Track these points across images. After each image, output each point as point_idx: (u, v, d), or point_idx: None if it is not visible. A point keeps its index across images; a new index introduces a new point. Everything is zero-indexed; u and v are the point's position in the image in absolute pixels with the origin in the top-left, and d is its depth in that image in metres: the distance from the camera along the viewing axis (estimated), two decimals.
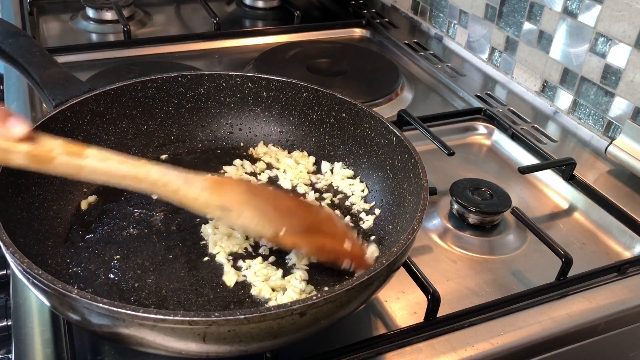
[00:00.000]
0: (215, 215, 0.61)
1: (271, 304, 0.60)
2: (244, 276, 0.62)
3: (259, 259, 0.64)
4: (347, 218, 0.71)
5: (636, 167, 0.86)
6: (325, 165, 0.79)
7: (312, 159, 0.79)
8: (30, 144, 0.54)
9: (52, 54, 0.79)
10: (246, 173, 0.78)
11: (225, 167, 0.78)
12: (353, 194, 0.75)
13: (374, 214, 0.72)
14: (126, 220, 0.69)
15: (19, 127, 0.53)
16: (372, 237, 0.69)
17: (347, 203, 0.74)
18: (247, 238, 0.66)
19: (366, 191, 0.74)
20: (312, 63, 1.13)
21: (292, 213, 0.64)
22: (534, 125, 1.00)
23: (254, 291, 0.61)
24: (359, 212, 0.72)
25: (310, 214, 0.66)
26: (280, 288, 0.61)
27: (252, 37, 1.25)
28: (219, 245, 0.65)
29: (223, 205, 0.60)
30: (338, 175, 0.77)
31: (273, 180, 0.77)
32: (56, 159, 0.55)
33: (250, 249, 0.66)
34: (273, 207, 0.63)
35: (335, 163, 0.78)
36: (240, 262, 0.64)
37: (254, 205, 0.61)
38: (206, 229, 0.67)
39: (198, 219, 0.68)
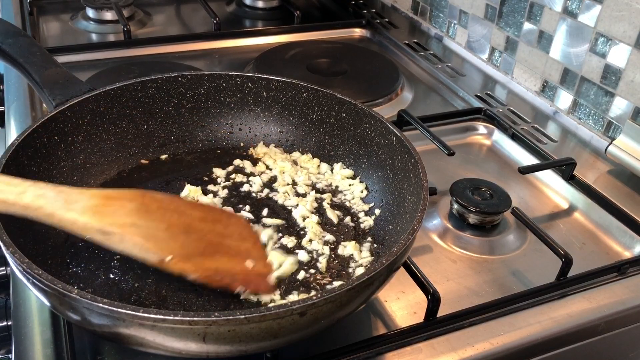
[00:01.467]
0: (96, 240, 0.56)
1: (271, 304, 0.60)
2: None
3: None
4: (348, 218, 0.71)
5: (636, 167, 0.86)
6: (325, 165, 0.79)
7: (316, 161, 0.79)
8: None
9: (52, 54, 0.79)
10: (245, 173, 0.78)
11: (215, 170, 0.78)
12: (353, 194, 0.75)
13: (374, 214, 0.72)
14: None
15: None
16: (372, 238, 0.69)
17: (347, 203, 0.74)
18: None
19: (365, 192, 0.74)
20: (312, 63, 1.13)
21: (189, 230, 0.61)
22: (534, 125, 1.00)
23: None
24: (359, 212, 0.72)
25: (216, 226, 0.63)
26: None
27: (252, 37, 1.25)
28: None
29: (103, 229, 0.56)
30: (338, 175, 0.77)
31: (273, 180, 0.77)
32: None
33: None
34: (167, 226, 0.59)
35: (335, 164, 0.78)
36: None
37: (142, 227, 0.58)
38: None
39: None
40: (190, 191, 0.73)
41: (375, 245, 0.68)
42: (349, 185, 0.76)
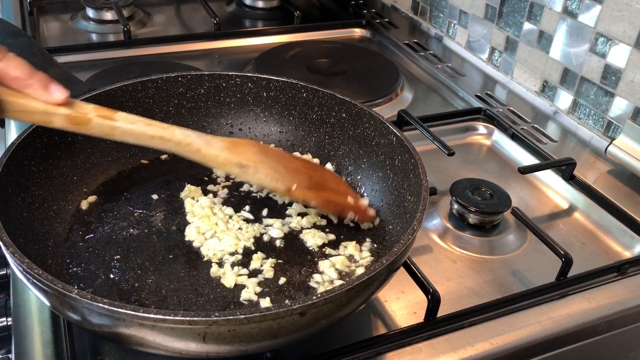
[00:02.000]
0: (233, 172, 0.66)
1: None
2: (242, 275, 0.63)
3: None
4: (347, 218, 0.71)
5: (636, 167, 0.85)
6: (328, 165, 0.79)
7: (316, 161, 0.79)
8: (69, 108, 0.58)
9: (52, 54, 0.79)
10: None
11: (216, 170, 0.78)
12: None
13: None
14: (126, 220, 0.69)
15: (59, 92, 0.58)
16: (372, 238, 0.69)
17: None
18: (239, 239, 0.67)
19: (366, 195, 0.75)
20: (312, 63, 1.13)
21: (300, 171, 0.69)
22: (534, 125, 1.00)
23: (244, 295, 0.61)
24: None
25: (316, 172, 0.72)
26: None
27: (252, 37, 1.25)
28: (211, 248, 0.65)
29: (240, 163, 0.64)
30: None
31: None
32: (91, 121, 0.59)
33: (249, 247, 0.66)
34: (284, 165, 0.68)
35: (327, 164, 0.79)
36: (236, 265, 0.64)
37: (267, 163, 0.66)
38: (190, 234, 0.67)
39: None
40: (190, 191, 0.73)
41: (375, 245, 0.68)
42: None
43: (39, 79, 0.57)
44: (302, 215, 0.71)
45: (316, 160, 0.79)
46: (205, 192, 0.74)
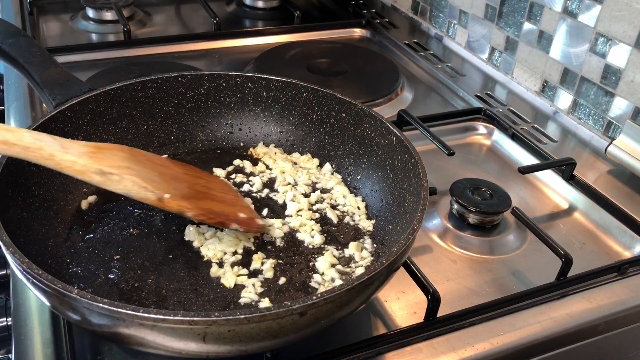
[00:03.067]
0: (94, 181, 0.59)
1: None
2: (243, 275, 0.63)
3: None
4: (348, 218, 0.72)
5: (636, 167, 0.85)
6: (327, 165, 0.79)
7: (316, 161, 0.79)
8: None
9: (52, 54, 0.79)
10: (245, 173, 0.78)
11: (215, 170, 0.78)
12: (354, 194, 0.75)
13: (374, 214, 0.72)
14: (126, 220, 0.69)
15: None
16: (372, 238, 0.69)
17: (347, 204, 0.74)
18: (239, 239, 0.67)
19: (363, 205, 0.74)
20: (312, 63, 1.13)
21: (179, 179, 0.65)
22: (534, 125, 1.00)
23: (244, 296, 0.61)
24: (359, 212, 0.73)
25: (199, 180, 0.68)
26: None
27: (252, 37, 1.25)
28: (211, 248, 0.65)
29: (101, 170, 0.58)
30: (331, 180, 0.77)
31: (273, 180, 0.77)
32: None
33: (250, 247, 0.66)
34: (159, 173, 0.63)
35: (327, 164, 0.79)
36: (236, 265, 0.64)
37: (136, 171, 0.61)
38: (190, 234, 0.67)
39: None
40: None
41: (375, 245, 0.68)
42: (343, 196, 0.75)
43: None
44: (302, 215, 0.71)
45: (315, 161, 0.79)
46: None
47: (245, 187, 0.76)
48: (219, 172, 0.77)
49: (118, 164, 0.60)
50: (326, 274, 0.63)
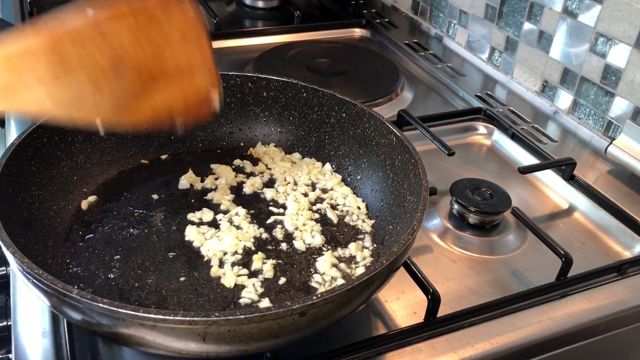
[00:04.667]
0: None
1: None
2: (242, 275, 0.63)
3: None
4: (348, 218, 0.72)
5: (636, 167, 0.85)
6: (327, 165, 0.79)
7: (319, 164, 0.79)
8: None
9: None
10: (245, 173, 0.78)
11: (213, 166, 0.78)
12: (354, 194, 0.75)
13: (374, 214, 0.72)
14: (126, 220, 0.69)
15: None
16: (372, 238, 0.69)
17: (347, 204, 0.74)
18: (239, 239, 0.67)
19: (363, 205, 0.74)
20: (312, 63, 1.13)
21: (118, 65, 0.53)
22: (534, 125, 1.00)
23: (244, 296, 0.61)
24: (359, 212, 0.73)
25: (148, 42, 0.55)
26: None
27: (252, 37, 1.25)
28: (211, 248, 0.65)
29: (6, 85, 0.49)
30: (331, 181, 0.77)
31: (273, 180, 0.77)
32: None
33: (249, 247, 0.66)
34: (89, 74, 0.52)
35: (327, 164, 0.79)
36: (236, 265, 0.64)
37: (64, 85, 0.51)
38: (190, 234, 0.67)
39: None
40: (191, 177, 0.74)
41: (375, 245, 0.68)
42: (343, 197, 0.75)
43: None
44: (302, 215, 0.71)
45: (318, 164, 0.79)
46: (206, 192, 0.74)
47: (246, 188, 0.76)
48: (219, 171, 0.77)
49: (37, 76, 0.50)
50: (326, 274, 0.63)
